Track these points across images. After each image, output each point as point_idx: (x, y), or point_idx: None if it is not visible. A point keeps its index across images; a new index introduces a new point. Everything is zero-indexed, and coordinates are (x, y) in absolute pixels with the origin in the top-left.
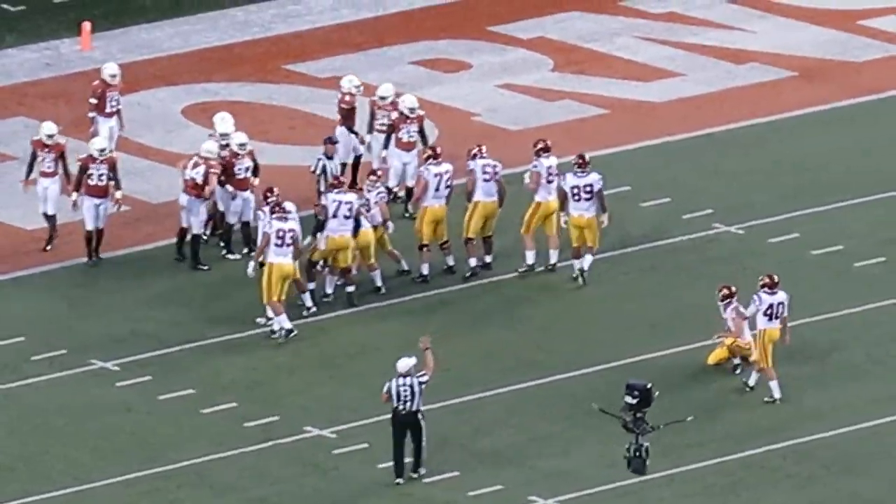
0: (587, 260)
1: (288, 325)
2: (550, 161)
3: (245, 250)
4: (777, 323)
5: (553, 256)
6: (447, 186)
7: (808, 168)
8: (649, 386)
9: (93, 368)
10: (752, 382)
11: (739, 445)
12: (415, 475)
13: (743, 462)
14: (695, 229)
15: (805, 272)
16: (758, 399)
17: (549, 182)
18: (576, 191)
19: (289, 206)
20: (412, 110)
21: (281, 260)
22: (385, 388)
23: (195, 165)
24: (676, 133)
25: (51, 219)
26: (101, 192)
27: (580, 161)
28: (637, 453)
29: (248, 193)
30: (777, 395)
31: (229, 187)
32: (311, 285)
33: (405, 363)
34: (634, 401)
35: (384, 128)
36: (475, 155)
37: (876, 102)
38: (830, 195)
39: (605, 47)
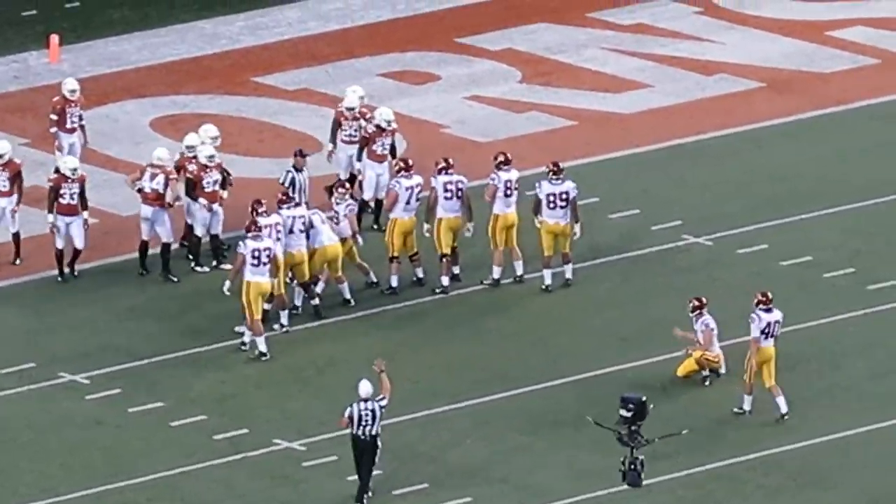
0: (568, 269)
1: (263, 347)
2: (511, 175)
3: (214, 263)
4: (771, 342)
5: (518, 268)
6: (417, 199)
7: (777, 179)
8: (644, 399)
9: (62, 381)
10: (783, 409)
11: (709, 457)
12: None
13: (712, 473)
14: (664, 240)
15: (774, 283)
16: (726, 410)
17: (508, 196)
18: (552, 198)
19: (271, 220)
20: (389, 123)
21: (258, 279)
22: (346, 413)
23: (153, 176)
24: (645, 144)
25: (14, 236)
26: (73, 211)
27: (555, 168)
28: (632, 466)
29: (216, 206)
30: (747, 407)
31: (203, 200)
32: (268, 305)
33: (366, 387)
34: (629, 414)
35: (349, 139)
36: (441, 170)
37: (844, 113)
38: (799, 206)
39: (573, 59)
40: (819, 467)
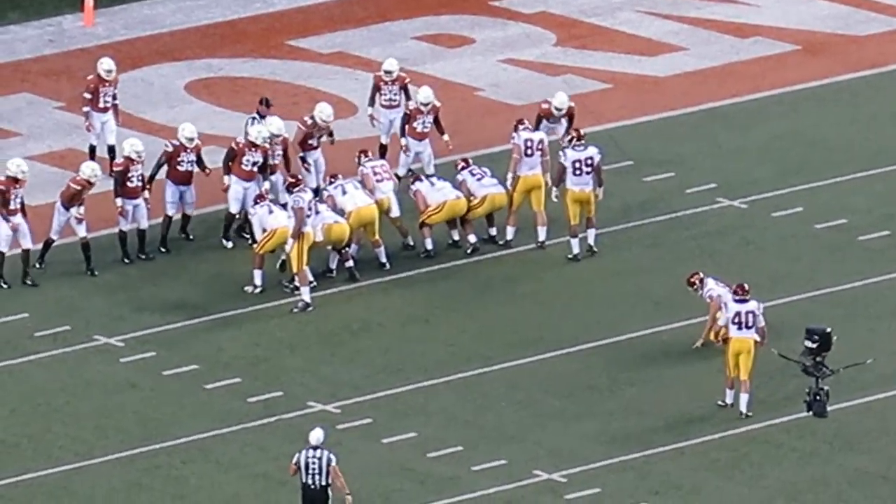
0: (591, 234)
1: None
2: (533, 134)
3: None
4: (745, 333)
5: (541, 234)
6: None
7: (811, 142)
8: (828, 330)
9: (97, 344)
10: (743, 409)
11: (743, 420)
12: None
13: (747, 436)
14: (698, 203)
15: (809, 246)
16: (760, 373)
17: (529, 156)
18: (577, 165)
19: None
20: (426, 105)
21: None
22: (294, 460)
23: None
24: (679, 107)
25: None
26: (138, 193)
27: (577, 135)
28: (817, 397)
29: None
30: (729, 400)
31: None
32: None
33: (317, 435)
34: (814, 345)
35: (389, 103)
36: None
37: (878, 76)
38: (834, 169)
39: (607, 21)
40: (853, 431)
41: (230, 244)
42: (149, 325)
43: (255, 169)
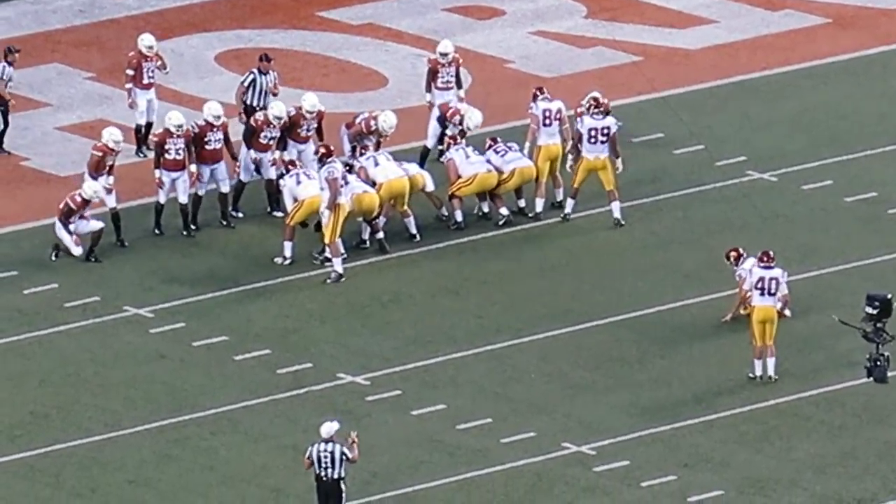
0: (616, 208)
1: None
2: (551, 105)
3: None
4: (769, 300)
5: (558, 195)
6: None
7: (841, 115)
8: (889, 296)
9: (126, 315)
10: (770, 371)
11: (772, 393)
12: None
13: (776, 409)
14: (728, 176)
15: (838, 219)
16: (789, 346)
17: (547, 125)
18: (593, 132)
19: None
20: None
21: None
22: (307, 454)
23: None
24: (710, 80)
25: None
26: (179, 166)
27: (596, 103)
28: (877, 362)
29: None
30: (758, 372)
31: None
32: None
33: (328, 428)
34: (874, 311)
35: (445, 85)
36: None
37: None
38: (864, 142)
39: None
40: (882, 404)
41: (240, 214)
42: (178, 295)
43: (272, 143)
